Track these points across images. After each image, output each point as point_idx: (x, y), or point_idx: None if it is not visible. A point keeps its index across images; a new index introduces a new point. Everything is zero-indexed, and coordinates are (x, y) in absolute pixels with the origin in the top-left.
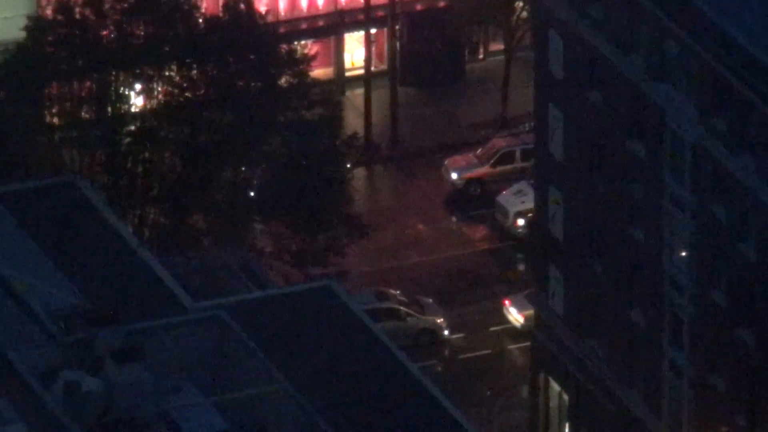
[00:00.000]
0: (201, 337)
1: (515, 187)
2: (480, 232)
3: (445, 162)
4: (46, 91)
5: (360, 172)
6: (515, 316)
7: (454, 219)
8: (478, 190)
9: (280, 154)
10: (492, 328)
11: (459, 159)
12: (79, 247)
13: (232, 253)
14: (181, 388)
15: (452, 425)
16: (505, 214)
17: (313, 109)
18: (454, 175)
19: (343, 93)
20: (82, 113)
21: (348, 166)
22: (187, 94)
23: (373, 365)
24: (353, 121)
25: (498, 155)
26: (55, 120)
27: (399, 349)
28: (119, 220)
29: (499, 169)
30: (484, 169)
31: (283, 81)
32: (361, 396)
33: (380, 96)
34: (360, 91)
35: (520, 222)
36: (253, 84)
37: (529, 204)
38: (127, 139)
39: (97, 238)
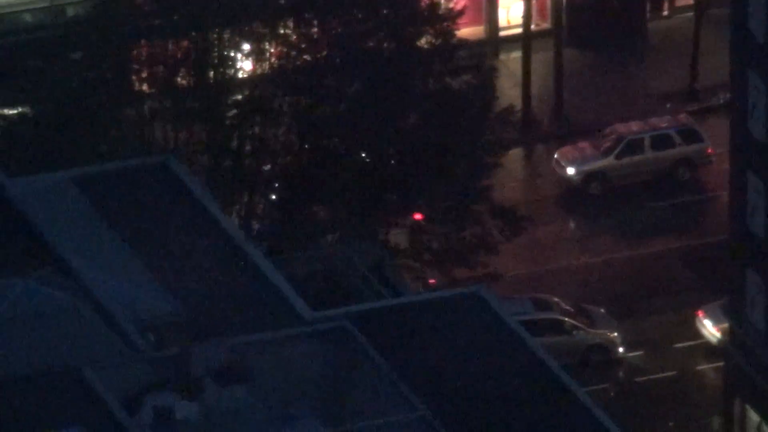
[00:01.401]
0: (321, 354)
1: None
2: (661, 228)
3: (556, 154)
4: (134, 52)
5: (517, 153)
6: (710, 330)
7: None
8: (599, 188)
9: (419, 131)
10: (677, 345)
11: (573, 150)
12: (173, 243)
13: (360, 251)
14: (296, 416)
15: None
16: None
17: (460, 76)
18: (570, 170)
19: (496, 56)
20: (178, 79)
21: (502, 145)
22: (305, 56)
23: (530, 389)
24: (509, 91)
25: (623, 144)
26: (145, 87)
27: (563, 370)
28: (222, 209)
29: (625, 160)
30: (607, 162)
31: (423, 42)
32: (516, 426)
33: (542, 60)
34: (517, 54)
35: None
36: (386, 45)
37: None
38: (233, 112)
39: (195, 232)
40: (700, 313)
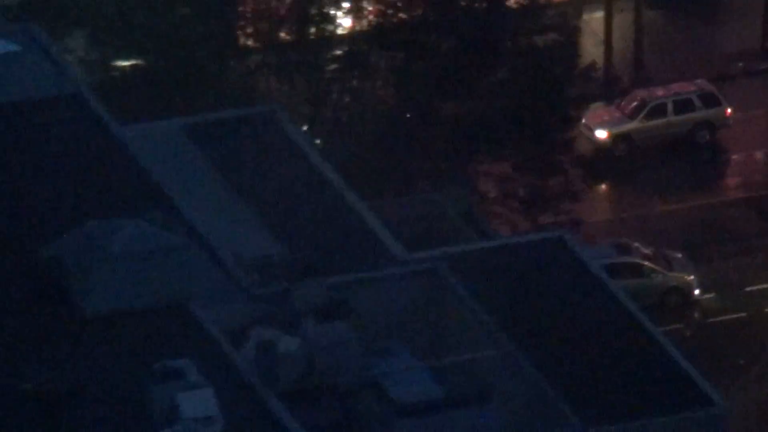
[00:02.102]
0: (415, 293)
1: None
2: (734, 179)
3: (584, 118)
4: (240, 8)
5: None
6: None
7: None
8: (626, 150)
9: (508, 86)
10: (748, 288)
11: (600, 113)
12: (276, 188)
13: (451, 197)
14: (392, 350)
15: (699, 397)
16: None
17: (546, 35)
18: (600, 133)
19: (580, 16)
20: (281, 35)
21: (585, 100)
22: (401, 14)
23: (611, 328)
24: (591, 49)
25: (648, 108)
26: (250, 42)
27: (642, 311)
28: (322, 157)
29: (651, 123)
30: (635, 125)
31: (512, 1)
32: (597, 364)
33: (623, 20)
34: (599, 15)
35: None
36: (477, 4)
37: None
38: (332, 66)
39: (297, 178)
40: None
